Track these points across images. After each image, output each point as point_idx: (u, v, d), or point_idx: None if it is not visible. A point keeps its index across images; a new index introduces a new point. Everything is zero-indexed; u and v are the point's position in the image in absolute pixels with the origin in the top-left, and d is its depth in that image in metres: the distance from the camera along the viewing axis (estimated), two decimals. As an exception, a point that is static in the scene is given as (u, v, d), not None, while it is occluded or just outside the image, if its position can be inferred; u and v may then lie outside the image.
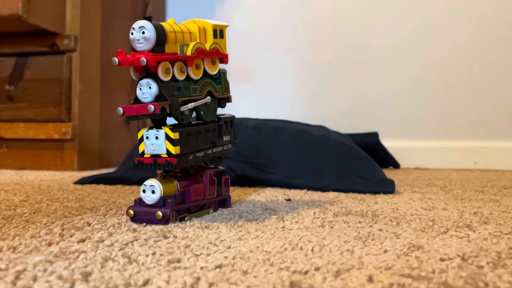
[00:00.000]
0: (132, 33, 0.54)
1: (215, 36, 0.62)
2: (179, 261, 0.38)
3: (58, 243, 0.44)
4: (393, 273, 0.35)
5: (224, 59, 0.63)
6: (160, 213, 0.53)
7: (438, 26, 1.53)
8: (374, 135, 1.40)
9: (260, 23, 1.67)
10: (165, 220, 0.54)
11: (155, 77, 0.54)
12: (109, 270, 0.36)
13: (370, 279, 0.34)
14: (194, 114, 0.61)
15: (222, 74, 0.64)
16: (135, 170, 0.75)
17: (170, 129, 0.55)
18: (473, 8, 1.50)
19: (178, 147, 0.55)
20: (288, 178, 0.90)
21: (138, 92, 0.55)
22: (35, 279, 0.33)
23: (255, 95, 1.66)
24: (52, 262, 0.37)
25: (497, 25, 1.48)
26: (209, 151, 0.61)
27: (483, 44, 1.49)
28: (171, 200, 0.54)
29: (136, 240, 0.45)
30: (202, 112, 0.61)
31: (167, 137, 0.55)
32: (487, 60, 1.49)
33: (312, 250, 0.42)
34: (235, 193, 0.81)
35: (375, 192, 0.83)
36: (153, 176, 0.57)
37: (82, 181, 0.97)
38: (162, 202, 0.54)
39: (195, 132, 0.59)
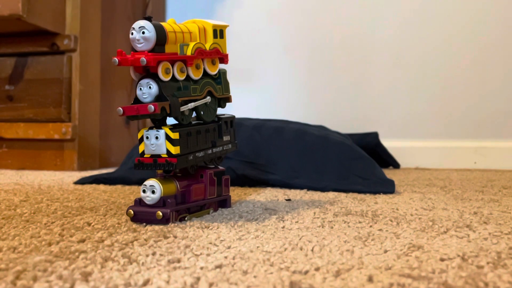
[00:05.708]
0: (132, 33, 0.54)
1: (215, 36, 0.62)
2: (179, 261, 0.38)
3: (58, 243, 0.44)
4: (393, 273, 0.35)
5: (224, 59, 0.63)
6: (160, 213, 0.53)
7: (438, 26, 1.53)
8: (374, 135, 1.40)
9: (260, 23, 1.67)
10: (165, 220, 0.54)
11: (155, 77, 0.54)
12: (109, 270, 0.36)
13: (370, 279, 0.34)
14: (194, 114, 0.61)
15: (222, 74, 0.64)
16: (135, 170, 0.75)
17: (170, 129, 0.55)
18: (473, 8, 1.50)
19: (178, 147, 0.55)
20: (288, 178, 0.90)
21: (138, 92, 0.55)
22: (35, 279, 0.33)
23: (255, 95, 1.66)
24: (52, 262, 0.37)
25: (497, 25, 1.48)
26: (209, 151, 0.61)
27: (483, 44, 1.49)
28: (171, 200, 0.54)
29: (136, 240, 0.45)
30: (202, 112, 0.61)
31: (167, 137, 0.55)
32: (487, 60, 1.49)
33: (312, 250, 0.42)
34: (235, 193, 0.81)
35: (375, 192, 0.83)
36: (153, 176, 0.57)
37: (82, 181, 0.97)
38: (162, 202, 0.54)
39: (195, 132, 0.59)
